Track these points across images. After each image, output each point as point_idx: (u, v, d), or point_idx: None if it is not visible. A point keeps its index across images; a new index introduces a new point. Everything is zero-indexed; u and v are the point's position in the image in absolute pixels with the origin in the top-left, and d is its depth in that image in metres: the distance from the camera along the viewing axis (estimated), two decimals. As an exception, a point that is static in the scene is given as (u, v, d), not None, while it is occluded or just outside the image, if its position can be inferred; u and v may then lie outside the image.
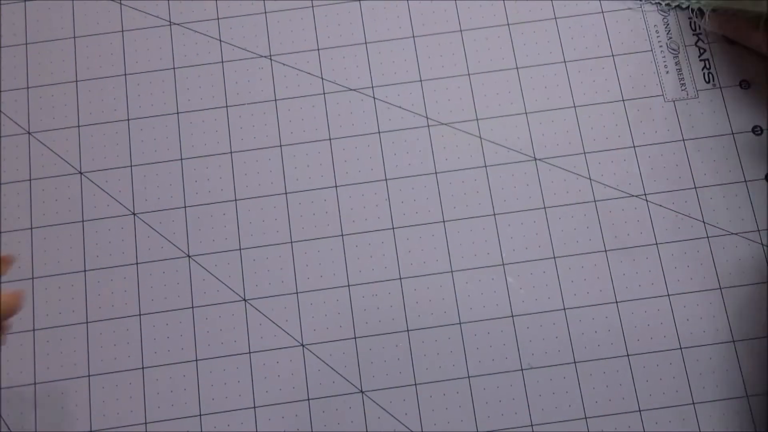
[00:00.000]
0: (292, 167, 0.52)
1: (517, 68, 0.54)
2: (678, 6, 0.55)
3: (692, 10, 0.54)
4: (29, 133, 0.53)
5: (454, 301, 0.50)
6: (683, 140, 0.53)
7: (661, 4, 0.55)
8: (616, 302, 0.50)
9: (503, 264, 0.51)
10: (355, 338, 0.49)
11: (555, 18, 0.55)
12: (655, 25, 0.55)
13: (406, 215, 0.51)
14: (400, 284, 0.50)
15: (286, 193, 0.52)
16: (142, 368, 0.49)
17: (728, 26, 0.53)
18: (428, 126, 0.53)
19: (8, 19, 0.55)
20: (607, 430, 0.48)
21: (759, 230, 0.51)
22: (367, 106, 0.53)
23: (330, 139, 0.52)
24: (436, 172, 0.52)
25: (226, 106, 0.53)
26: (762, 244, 0.51)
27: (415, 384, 0.49)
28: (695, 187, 0.52)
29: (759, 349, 0.49)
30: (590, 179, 0.52)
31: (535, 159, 0.53)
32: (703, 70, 0.54)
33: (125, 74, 0.54)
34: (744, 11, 0.53)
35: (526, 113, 0.53)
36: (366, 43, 0.54)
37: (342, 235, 0.51)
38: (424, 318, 0.50)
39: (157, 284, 0.50)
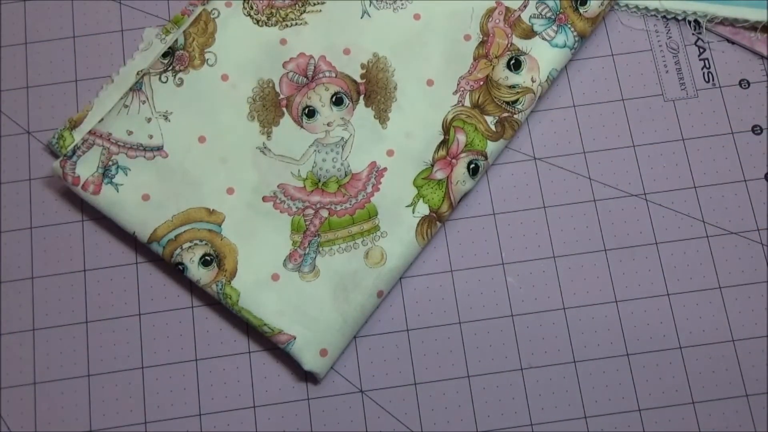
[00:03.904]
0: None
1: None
2: (674, 18, 0.55)
3: (689, 22, 0.55)
4: (29, 132, 0.53)
5: (454, 301, 0.50)
6: (683, 140, 0.53)
7: (657, 16, 0.55)
8: (616, 302, 0.50)
9: (503, 264, 0.51)
10: (355, 338, 0.49)
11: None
12: (654, 25, 0.55)
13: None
14: (400, 284, 0.50)
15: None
16: (142, 368, 0.49)
17: None
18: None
19: (8, 19, 0.55)
20: (606, 429, 0.48)
21: (758, 230, 0.51)
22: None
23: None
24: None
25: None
26: (761, 244, 0.51)
27: (415, 384, 0.49)
28: (695, 187, 0.52)
29: (759, 349, 0.49)
30: (590, 179, 0.52)
31: (535, 159, 0.53)
32: (702, 69, 0.54)
33: (125, 74, 0.54)
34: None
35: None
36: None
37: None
38: (424, 318, 0.50)
39: (157, 284, 0.50)
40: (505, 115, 0.51)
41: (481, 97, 0.51)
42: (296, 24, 0.53)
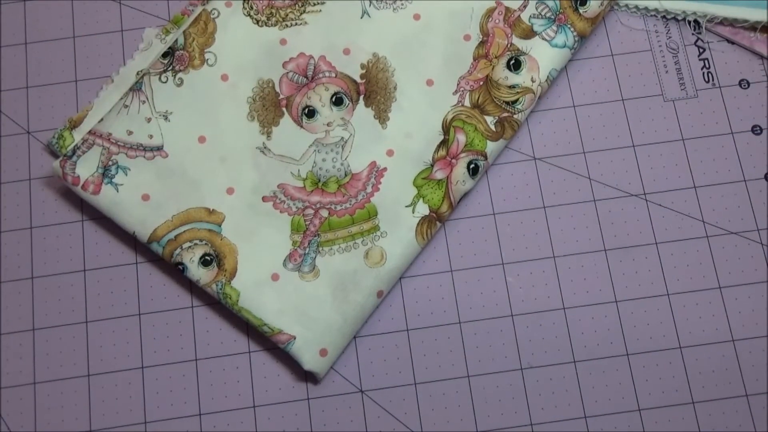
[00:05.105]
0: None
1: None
2: (674, 18, 0.55)
3: (689, 22, 0.55)
4: (29, 132, 0.53)
5: (454, 301, 0.50)
6: (683, 140, 0.53)
7: (657, 16, 0.55)
8: (616, 302, 0.50)
9: (503, 264, 0.51)
10: (355, 338, 0.49)
11: (555, 18, 0.55)
12: (654, 25, 0.55)
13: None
14: (400, 284, 0.50)
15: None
16: (142, 368, 0.49)
17: None
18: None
19: (8, 19, 0.55)
20: (606, 429, 0.48)
21: (758, 230, 0.51)
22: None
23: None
24: (435, 172, 0.52)
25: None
26: (761, 244, 0.51)
27: (415, 384, 0.49)
28: (695, 187, 0.52)
29: (759, 349, 0.49)
30: (590, 179, 0.52)
31: (535, 159, 0.53)
32: (702, 69, 0.54)
33: (125, 74, 0.54)
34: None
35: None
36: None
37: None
38: (424, 318, 0.50)
39: (157, 284, 0.50)
40: (505, 115, 0.51)
41: (481, 97, 0.51)
42: (296, 24, 0.53)
